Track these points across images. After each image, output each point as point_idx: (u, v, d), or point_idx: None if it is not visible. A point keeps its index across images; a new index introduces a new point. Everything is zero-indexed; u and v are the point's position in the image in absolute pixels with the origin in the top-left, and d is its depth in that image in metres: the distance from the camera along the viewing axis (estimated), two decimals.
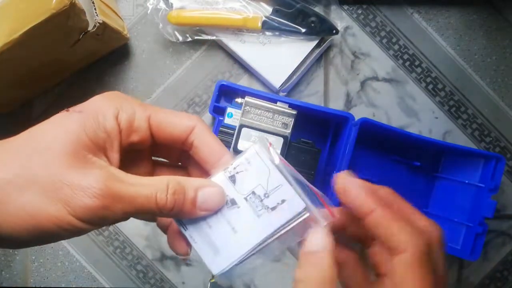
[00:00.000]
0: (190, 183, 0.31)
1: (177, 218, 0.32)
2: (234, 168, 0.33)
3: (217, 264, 0.32)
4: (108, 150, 0.32)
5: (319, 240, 0.31)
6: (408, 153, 0.59)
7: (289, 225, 0.32)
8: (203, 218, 0.32)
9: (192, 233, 0.33)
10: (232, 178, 0.33)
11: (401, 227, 0.30)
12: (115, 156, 0.32)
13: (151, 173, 0.38)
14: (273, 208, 0.32)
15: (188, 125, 0.34)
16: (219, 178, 0.32)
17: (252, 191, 0.32)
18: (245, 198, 0.32)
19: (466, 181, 0.57)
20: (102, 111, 0.31)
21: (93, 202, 0.28)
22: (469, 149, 0.57)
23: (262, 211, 0.32)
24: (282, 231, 0.32)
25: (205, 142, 0.34)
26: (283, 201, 0.32)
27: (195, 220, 0.33)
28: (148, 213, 0.31)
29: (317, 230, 0.31)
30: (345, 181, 0.33)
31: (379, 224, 0.31)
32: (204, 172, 0.35)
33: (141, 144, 0.34)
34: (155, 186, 0.30)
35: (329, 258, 0.30)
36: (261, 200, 0.32)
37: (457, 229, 0.56)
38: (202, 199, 0.31)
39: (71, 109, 0.32)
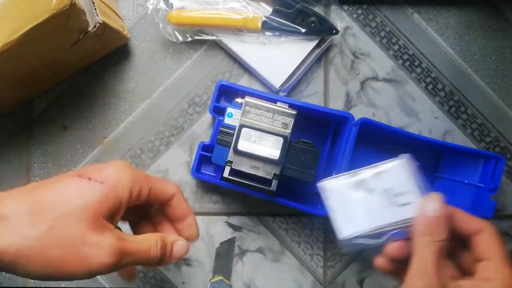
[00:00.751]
0: (169, 239, 0.43)
1: (159, 265, 0.48)
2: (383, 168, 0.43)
3: (346, 230, 0.42)
4: (116, 215, 0.40)
5: (434, 205, 0.41)
6: (408, 153, 0.59)
7: (409, 221, 0.41)
8: (345, 194, 0.43)
9: (333, 203, 0.43)
10: (379, 175, 0.43)
11: (471, 217, 0.43)
12: (118, 218, 0.41)
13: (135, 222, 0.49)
14: (402, 205, 0.42)
15: (172, 191, 0.45)
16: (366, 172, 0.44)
17: (390, 187, 0.42)
18: (385, 191, 0.42)
19: (466, 181, 0.57)
20: (121, 185, 0.40)
21: (110, 259, 0.37)
22: (469, 149, 0.57)
23: (393, 204, 0.42)
24: (403, 224, 0.41)
25: (180, 203, 0.46)
26: (411, 202, 0.42)
27: (338, 193, 0.43)
28: (141, 263, 0.42)
29: (432, 199, 0.41)
30: (447, 208, 0.42)
31: (459, 217, 0.43)
32: (168, 225, 0.48)
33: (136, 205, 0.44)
34: (148, 243, 0.41)
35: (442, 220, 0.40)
36: (395, 196, 0.42)
37: None
38: (175, 250, 0.43)
39: (92, 178, 0.39)
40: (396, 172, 0.43)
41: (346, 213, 0.43)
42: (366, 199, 0.43)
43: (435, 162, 0.60)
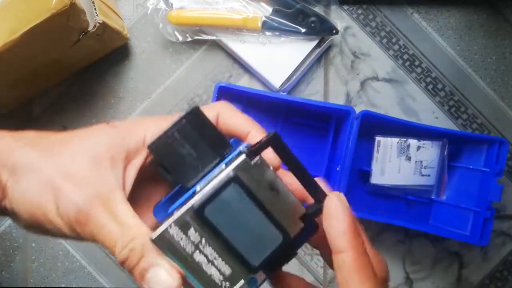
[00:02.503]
0: (150, 254, 0.28)
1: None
2: None
3: (380, 180, 0.57)
4: (128, 167, 0.32)
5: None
6: None
7: (424, 187, 0.57)
8: (389, 154, 0.56)
9: (379, 156, 0.57)
10: (419, 148, 0.57)
11: (360, 281, 0.29)
12: (131, 174, 0.32)
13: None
14: (424, 175, 0.57)
15: (247, 130, 0.34)
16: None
17: (422, 160, 0.57)
18: (416, 162, 0.56)
19: (471, 167, 0.58)
20: (130, 131, 0.33)
21: (69, 218, 0.29)
22: (472, 134, 0.58)
23: (418, 173, 0.57)
24: (419, 188, 0.57)
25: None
26: (430, 175, 0.57)
27: (386, 150, 0.56)
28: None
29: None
30: (336, 206, 0.32)
31: (342, 269, 0.29)
32: None
33: None
34: (120, 235, 0.29)
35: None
36: (422, 168, 0.57)
37: (465, 215, 0.57)
38: (151, 277, 0.29)
39: (111, 122, 0.34)
40: (431, 150, 0.57)
41: (383, 167, 0.57)
42: (402, 163, 0.57)
43: None
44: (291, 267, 0.60)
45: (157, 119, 0.34)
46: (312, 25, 0.58)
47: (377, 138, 0.57)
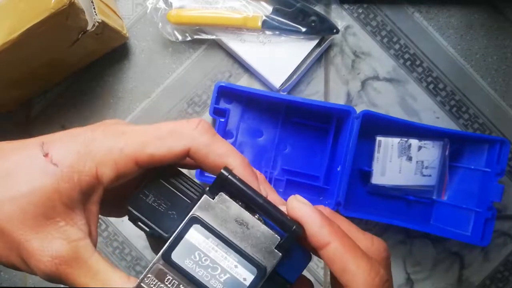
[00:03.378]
0: None
1: None
2: None
3: (380, 180, 0.57)
4: (86, 206, 0.30)
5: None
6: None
7: (425, 187, 0.58)
8: (390, 154, 0.56)
9: (379, 156, 0.56)
10: (420, 148, 0.56)
11: (357, 263, 0.29)
12: (94, 209, 0.31)
13: None
14: (425, 175, 0.56)
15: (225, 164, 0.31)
16: None
17: (423, 160, 0.57)
18: (418, 162, 0.56)
19: (472, 167, 0.57)
20: (79, 169, 0.29)
21: (42, 275, 0.28)
22: (473, 134, 0.58)
23: (419, 173, 0.57)
24: (420, 188, 0.57)
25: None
26: (431, 175, 0.56)
27: (387, 151, 0.56)
28: None
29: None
30: (300, 206, 0.30)
31: (334, 258, 0.29)
32: None
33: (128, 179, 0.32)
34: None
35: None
36: (423, 168, 0.57)
37: (466, 215, 0.57)
38: None
39: (49, 154, 0.29)
40: (432, 150, 0.56)
41: (384, 167, 0.56)
42: (403, 163, 0.56)
43: None
44: None
45: (106, 134, 0.30)
46: (313, 24, 0.58)
47: (378, 138, 0.57)
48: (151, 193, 0.31)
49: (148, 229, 0.31)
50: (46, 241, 0.28)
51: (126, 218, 0.32)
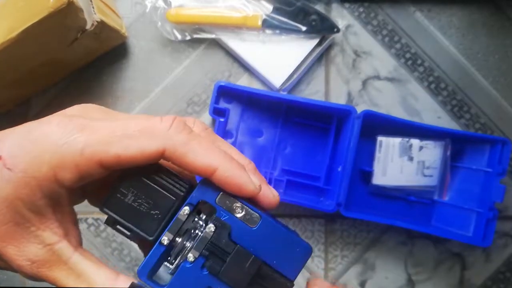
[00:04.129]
0: None
1: None
2: None
3: (381, 181, 0.56)
4: (56, 208, 0.28)
5: None
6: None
7: (426, 188, 0.57)
8: (391, 154, 0.55)
9: (381, 156, 0.56)
10: (422, 148, 0.56)
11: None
12: (66, 210, 0.29)
13: None
14: (426, 176, 0.56)
15: (206, 165, 0.28)
16: None
17: (424, 160, 0.56)
18: (419, 162, 0.56)
19: (474, 167, 0.57)
20: (34, 175, 0.26)
21: (27, 277, 0.28)
22: (475, 134, 0.58)
23: (420, 173, 0.56)
24: (421, 189, 0.57)
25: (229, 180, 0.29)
26: (432, 175, 0.56)
27: (389, 150, 0.55)
28: None
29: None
30: None
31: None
32: None
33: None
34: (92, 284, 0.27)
35: None
36: (424, 168, 0.56)
37: (467, 216, 0.57)
38: None
39: (2, 156, 0.26)
40: (433, 150, 0.56)
41: (385, 167, 0.56)
42: (405, 163, 0.56)
43: None
44: None
45: (63, 128, 0.27)
46: (313, 23, 0.58)
47: (379, 138, 0.57)
48: (130, 191, 0.28)
49: (129, 232, 0.29)
50: (21, 246, 0.27)
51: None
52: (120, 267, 0.60)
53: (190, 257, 0.27)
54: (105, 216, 0.29)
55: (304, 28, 0.57)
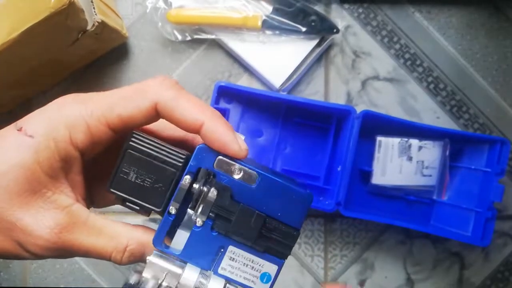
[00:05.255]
0: (148, 247, 0.29)
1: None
2: None
3: (381, 180, 0.57)
4: (68, 175, 0.29)
5: None
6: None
7: (425, 188, 0.58)
8: (391, 154, 0.56)
9: (380, 155, 0.56)
10: (421, 148, 0.57)
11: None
12: (77, 179, 0.30)
13: None
14: (425, 175, 0.56)
15: (195, 120, 0.29)
16: None
17: (424, 160, 0.57)
18: (418, 161, 0.56)
19: (473, 167, 0.57)
20: (53, 136, 0.28)
21: (45, 252, 0.28)
22: (474, 134, 0.58)
23: (419, 173, 0.56)
24: (419, 188, 0.58)
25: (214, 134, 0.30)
26: (431, 175, 0.57)
27: (388, 150, 0.56)
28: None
29: None
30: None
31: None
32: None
33: (107, 145, 0.31)
34: (112, 244, 0.29)
35: None
36: (424, 168, 0.56)
37: (466, 215, 0.57)
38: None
39: (23, 128, 0.29)
40: (432, 150, 0.56)
41: (384, 167, 0.56)
42: (404, 163, 0.56)
43: None
44: (291, 267, 0.60)
45: (75, 102, 0.30)
46: (313, 24, 0.58)
47: (378, 138, 0.57)
48: (131, 170, 0.30)
49: (138, 208, 0.30)
50: (39, 215, 0.28)
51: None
52: (122, 267, 0.60)
53: (198, 221, 0.29)
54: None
55: (303, 29, 0.58)
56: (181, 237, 0.30)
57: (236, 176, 0.29)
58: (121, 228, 0.29)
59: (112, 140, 0.30)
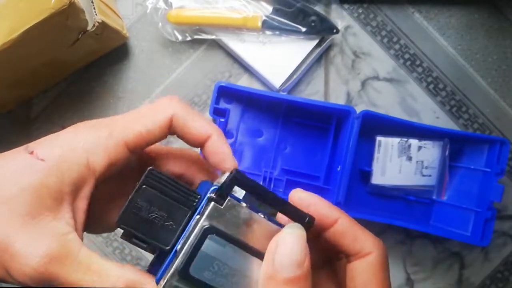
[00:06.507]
0: (137, 286, 0.28)
1: None
2: None
3: (380, 180, 0.57)
4: (75, 200, 0.30)
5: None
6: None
7: (425, 187, 0.57)
8: (390, 154, 0.56)
9: (380, 156, 0.56)
10: (420, 148, 0.57)
11: (365, 233, 0.31)
12: (82, 204, 0.30)
13: None
14: (425, 175, 0.56)
15: (204, 134, 0.32)
16: None
17: (423, 160, 0.56)
18: (418, 161, 0.56)
19: (472, 167, 0.57)
20: (68, 159, 0.29)
21: (28, 280, 0.27)
22: (473, 134, 0.58)
23: (419, 173, 0.56)
24: (419, 188, 0.57)
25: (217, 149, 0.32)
26: (431, 175, 0.57)
27: (388, 150, 0.56)
28: None
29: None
30: (305, 194, 0.31)
31: (345, 231, 0.30)
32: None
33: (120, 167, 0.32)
34: (99, 282, 0.28)
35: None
36: (423, 168, 0.57)
37: (466, 215, 0.57)
38: None
39: (34, 151, 0.29)
40: (432, 150, 0.56)
41: (384, 167, 0.56)
42: (403, 163, 0.56)
43: None
44: None
45: (90, 127, 0.30)
46: (313, 24, 0.58)
47: (378, 138, 0.57)
48: (142, 205, 0.29)
49: (145, 245, 0.30)
50: (32, 241, 0.27)
51: None
52: None
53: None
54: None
55: (303, 29, 0.58)
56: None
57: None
58: (109, 266, 0.28)
59: (127, 162, 0.31)
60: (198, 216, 0.28)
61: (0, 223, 0.27)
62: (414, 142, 0.57)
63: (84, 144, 0.29)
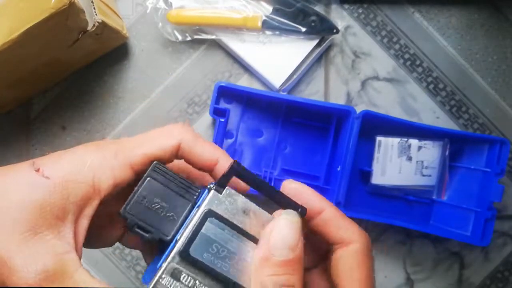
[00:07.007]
0: None
1: None
2: None
3: (380, 180, 0.57)
4: (78, 218, 0.30)
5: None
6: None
7: (425, 187, 0.57)
8: (390, 154, 0.56)
9: (380, 156, 0.56)
10: (421, 148, 0.56)
11: (350, 223, 0.33)
12: (84, 223, 0.30)
13: None
14: (425, 175, 0.56)
15: (211, 160, 0.34)
16: None
17: (423, 160, 0.56)
18: (418, 161, 0.56)
19: (472, 167, 0.57)
20: (74, 178, 0.29)
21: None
22: (473, 134, 0.58)
23: (419, 173, 0.56)
24: (419, 188, 0.57)
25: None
26: (431, 175, 0.56)
27: (388, 150, 0.56)
28: None
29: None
30: (297, 185, 0.33)
31: (330, 220, 0.32)
32: None
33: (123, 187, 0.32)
34: None
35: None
36: (423, 168, 0.56)
37: (466, 215, 0.57)
38: None
39: (40, 169, 0.29)
40: (432, 150, 0.56)
41: (384, 167, 0.56)
42: (403, 163, 0.56)
43: None
44: None
45: (97, 147, 0.31)
46: (313, 24, 0.58)
47: (378, 138, 0.57)
48: (146, 196, 0.31)
49: (147, 234, 0.31)
50: (31, 258, 0.28)
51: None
52: (122, 266, 0.60)
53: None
54: None
55: (303, 29, 0.58)
56: None
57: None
58: None
59: (129, 183, 0.32)
60: (197, 209, 0.31)
61: (2, 237, 0.28)
62: (414, 142, 0.56)
63: (90, 164, 0.30)
